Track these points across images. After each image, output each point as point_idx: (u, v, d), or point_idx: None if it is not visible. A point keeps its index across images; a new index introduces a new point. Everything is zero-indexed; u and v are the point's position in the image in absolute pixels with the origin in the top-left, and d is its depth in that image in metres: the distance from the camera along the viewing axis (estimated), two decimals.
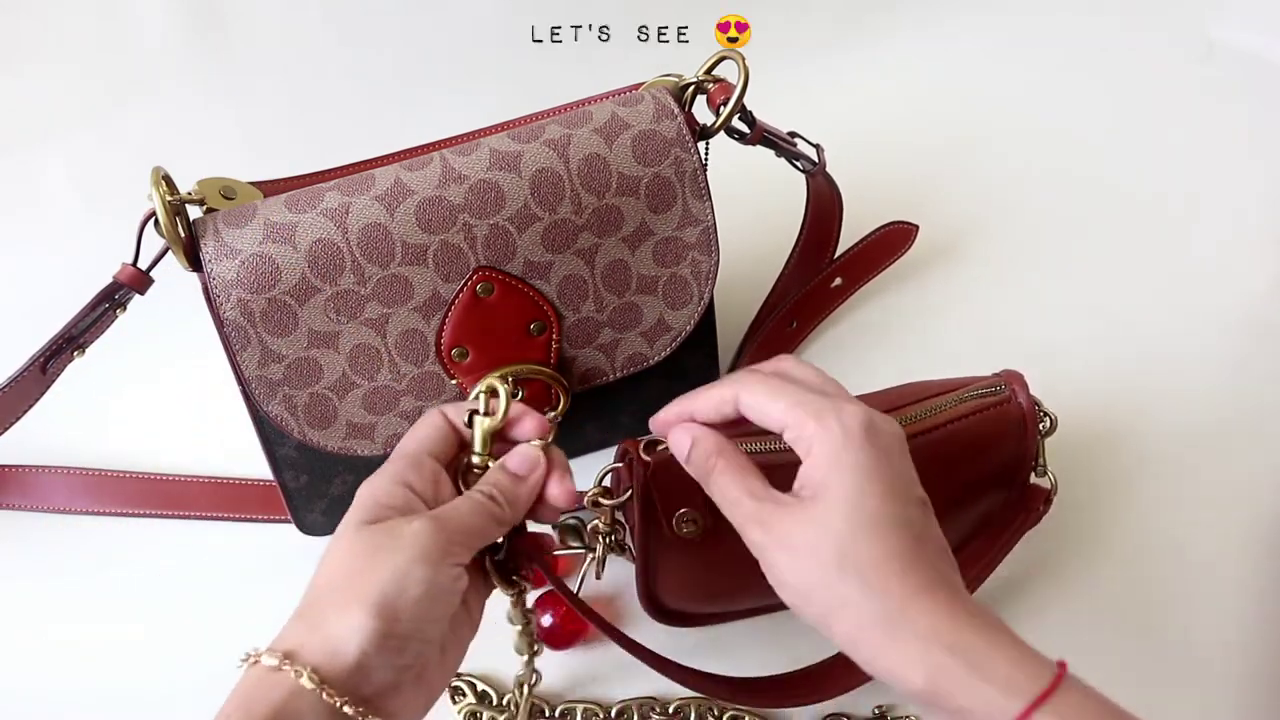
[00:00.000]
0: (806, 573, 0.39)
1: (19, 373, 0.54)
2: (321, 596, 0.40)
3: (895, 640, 0.37)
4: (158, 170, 0.49)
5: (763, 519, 0.40)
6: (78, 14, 0.77)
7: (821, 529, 0.39)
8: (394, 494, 0.42)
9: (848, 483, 0.39)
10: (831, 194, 0.65)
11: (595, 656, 0.56)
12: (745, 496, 0.41)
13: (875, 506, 0.39)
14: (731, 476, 0.42)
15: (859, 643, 0.38)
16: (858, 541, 0.38)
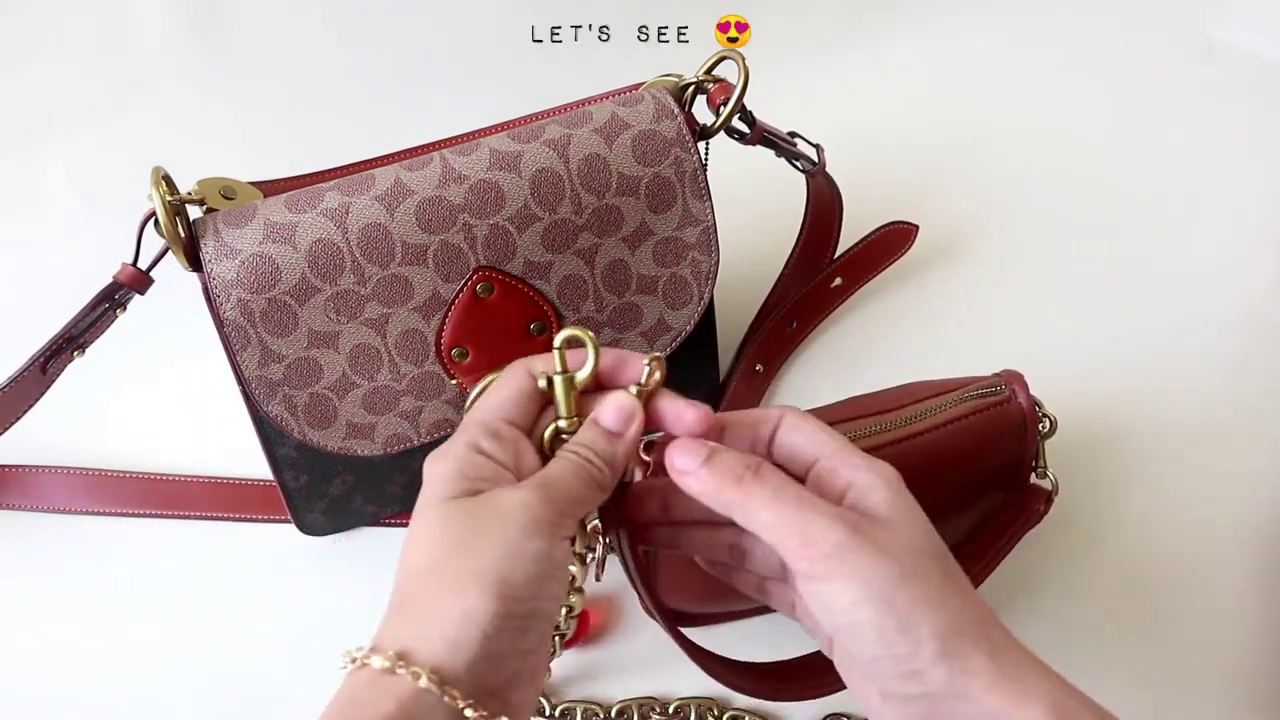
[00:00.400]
0: (908, 594, 0.35)
1: (19, 373, 0.54)
2: (423, 583, 0.35)
3: (1008, 670, 0.35)
4: (158, 170, 0.49)
5: (855, 522, 0.36)
6: (78, 14, 0.78)
7: (918, 544, 0.36)
8: (478, 465, 0.37)
9: (919, 510, 0.37)
10: (831, 194, 0.65)
11: (595, 656, 0.56)
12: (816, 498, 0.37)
13: (942, 546, 0.37)
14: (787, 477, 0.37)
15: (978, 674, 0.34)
16: (949, 565, 0.37)
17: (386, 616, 0.35)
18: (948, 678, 0.34)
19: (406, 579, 0.36)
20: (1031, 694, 0.34)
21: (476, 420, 0.39)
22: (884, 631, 0.34)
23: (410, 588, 0.35)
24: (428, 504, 0.37)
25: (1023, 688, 0.34)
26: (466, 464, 0.37)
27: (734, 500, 0.37)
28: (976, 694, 0.34)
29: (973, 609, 0.36)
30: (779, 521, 0.36)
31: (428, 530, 0.36)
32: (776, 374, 0.68)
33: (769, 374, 0.68)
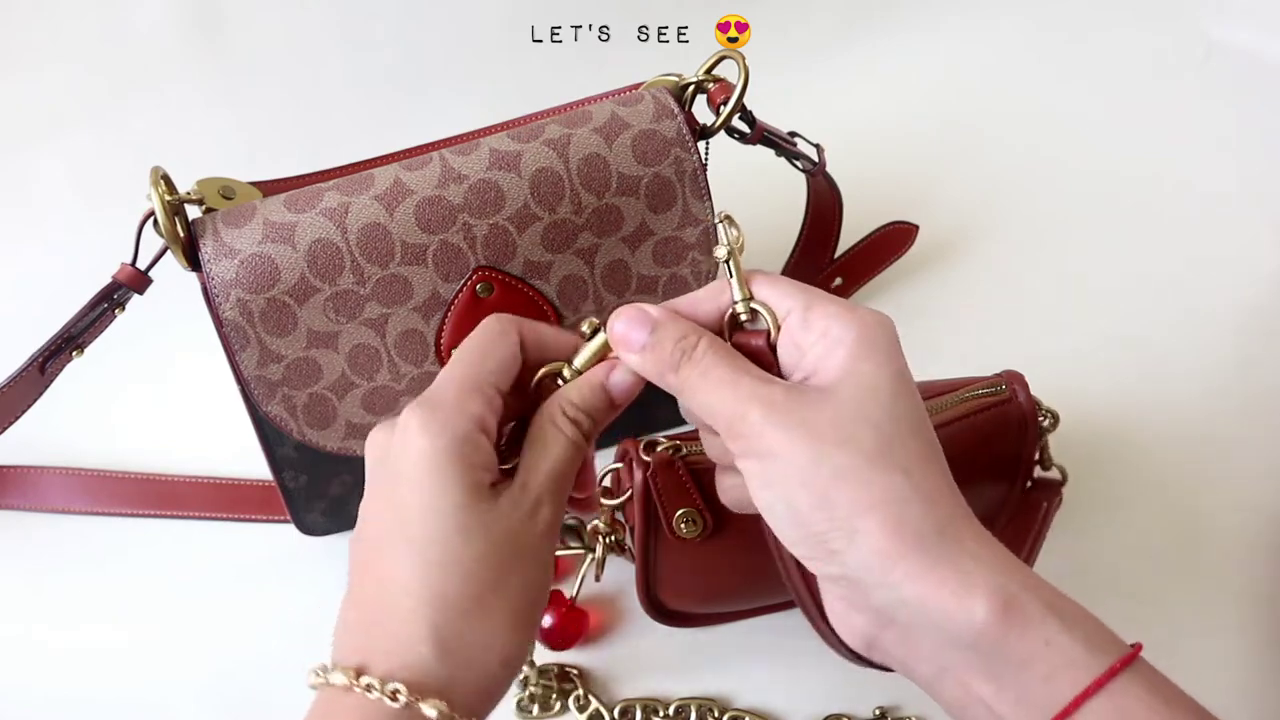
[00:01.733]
0: (829, 468, 0.32)
1: (18, 373, 0.54)
2: (464, 622, 0.33)
3: (947, 558, 0.31)
4: (157, 170, 0.49)
5: (771, 400, 0.33)
6: (78, 14, 0.77)
7: (856, 413, 0.32)
8: (480, 448, 0.34)
9: (884, 371, 0.33)
10: (831, 194, 0.65)
11: (594, 656, 0.56)
12: (743, 375, 0.34)
13: (912, 402, 0.34)
14: (719, 357, 0.35)
15: (895, 557, 0.31)
16: (900, 433, 0.33)
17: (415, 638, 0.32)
18: (865, 560, 0.32)
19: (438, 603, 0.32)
20: (969, 584, 0.31)
21: (474, 385, 0.35)
22: (796, 510, 0.32)
23: (449, 621, 0.32)
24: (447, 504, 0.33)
25: (960, 576, 0.31)
26: (469, 446, 0.34)
27: (673, 385, 0.36)
28: (897, 580, 0.31)
29: (921, 484, 0.32)
30: (708, 405, 0.34)
31: (450, 548, 0.33)
32: None
33: None
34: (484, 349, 0.37)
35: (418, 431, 0.34)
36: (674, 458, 0.46)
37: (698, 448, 0.47)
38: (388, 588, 0.33)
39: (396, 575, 0.33)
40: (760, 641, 0.55)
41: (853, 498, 0.32)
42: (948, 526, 0.32)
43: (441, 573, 0.33)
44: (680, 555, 0.48)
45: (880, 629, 0.34)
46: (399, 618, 0.33)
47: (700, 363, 0.35)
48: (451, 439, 0.34)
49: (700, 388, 0.35)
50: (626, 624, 0.56)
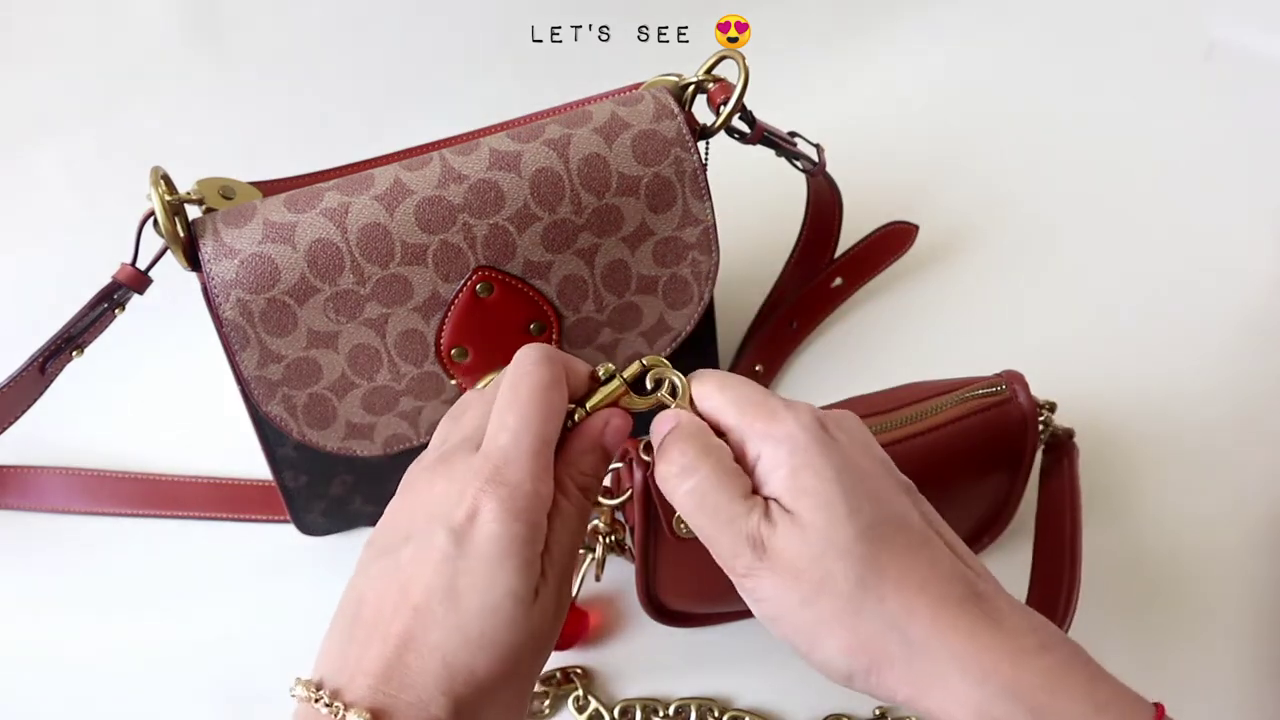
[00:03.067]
0: (813, 614, 0.34)
1: (17, 373, 0.54)
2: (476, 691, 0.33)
3: (936, 677, 0.33)
4: (157, 170, 0.49)
5: (758, 540, 0.35)
6: (77, 13, 0.77)
7: (825, 541, 0.34)
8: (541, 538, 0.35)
9: (829, 486, 0.34)
10: (831, 194, 0.65)
11: (594, 656, 0.56)
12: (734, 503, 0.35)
13: (873, 494, 0.35)
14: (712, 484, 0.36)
15: (888, 687, 0.33)
16: (872, 544, 0.33)
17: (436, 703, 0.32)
18: (866, 688, 0.34)
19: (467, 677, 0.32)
20: (954, 702, 0.32)
21: (545, 460, 0.35)
22: (798, 646, 0.35)
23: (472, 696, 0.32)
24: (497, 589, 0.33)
25: (945, 695, 0.32)
26: (539, 533, 0.34)
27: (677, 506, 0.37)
28: (890, 694, 0.34)
29: (899, 608, 0.33)
30: (704, 535, 0.36)
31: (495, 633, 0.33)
32: (776, 374, 0.68)
33: (769, 374, 0.67)
34: (547, 407, 0.36)
35: (495, 514, 0.33)
36: None
37: None
38: (418, 642, 0.33)
39: (430, 636, 0.33)
40: (760, 642, 0.55)
41: (839, 643, 0.34)
42: (933, 641, 0.33)
43: (479, 652, 0.33)
44: (680, 555, 0.48)
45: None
46: (424, 680, 0.32)
47: (686, 488, 0.36)
48: (526, 526, 0.34)
49: (693, 517, 0.36)
50: (626, 624, 0.56)
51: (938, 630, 0.33)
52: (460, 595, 0.33)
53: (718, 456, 0.36)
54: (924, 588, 0.34)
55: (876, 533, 0.34)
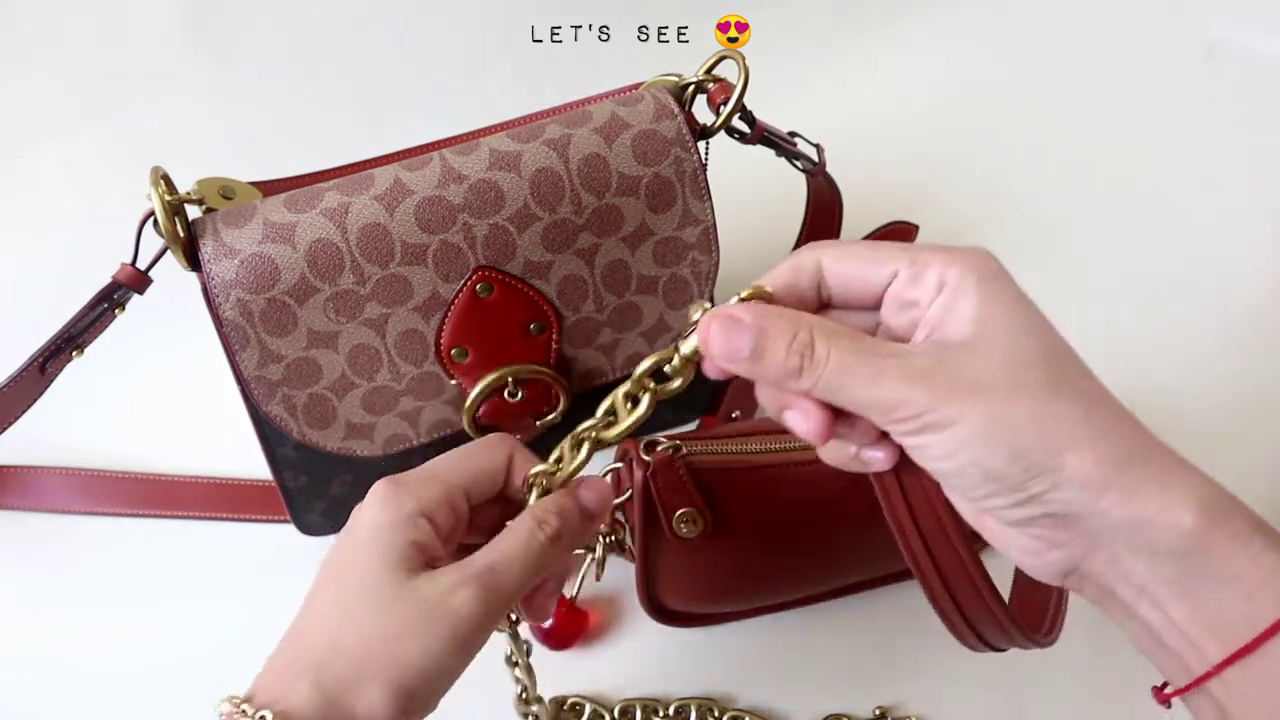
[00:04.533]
0: (1013, 421, 0.31)
1: (18, 373, 0.54)
2: (346, 666, 0.35)
3: (1149, 477, 0.31)
4: (157, 170, 0.49)
5: (928, 374, 0.32)
6: (77, 13, 0.77)
7: (1014, 358, 0.32)
8: (420, 530, 0.37)
9: (1019, 310, 0.33)
10: (831, 194, 0.65)
11: (594, 656, 0.56)
12: (881, 358, 0.33)
13: (1053, 334, 0.34)
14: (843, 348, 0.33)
15: (1100, 486, 0.31)
16: (1063, 366, 0.33)
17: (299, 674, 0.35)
18: (1071, 496, 0.31)
19: (332, 647, 0.35)
20: (1177, 498, 0.31)
21: (440, 478, 0.39)
22: (991, 469, 0.32)
23: (334, 667, 0.35)
24: (375, 566, 0.36)
25: (1165, 492, 0.31)
26: (408, 524, 0.37)
27: (796, 390, 0.34)
28: (1107, 506, 0.31)
29: (1102, 413, 0.32)
30: (855, 400, 0.33)
31: (366, 603, 0.35)
32: None
33: None
34: (469, 453, 0.40)
35: (374, 499, 0.38)
36: (674, 458, 0.46)
37: (698, 448, 0.47)
38: (307, 622, 0.37)
39: (315, 609, 0.37)
40: (760, 641, 0.55)
41: (1045, 442, 0.31)
42: (1139, 449, 0.32)
43: (345, 623, 0.35)
44: (680, 555, 0.48)
45: (1083, 557, 0.33)
46: (303, 653, 0.36)
47: (826, 363, 0.33)
48: (395, 514, 0.37)
49: (840, 387, 0.33)
50: (626, 624, 0.56)
51: (1144, 443, 0.32)
52: (342, 571, 0.37)
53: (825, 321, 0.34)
54: (1125, 417, 0.33)
55: (1064, 357, 0.34)
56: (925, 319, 0.34)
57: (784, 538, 0.49)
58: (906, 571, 0.56)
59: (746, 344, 0.34)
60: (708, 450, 0.47)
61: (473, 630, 0.36)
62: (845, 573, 0.54)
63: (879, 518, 0.50)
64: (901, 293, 0.34)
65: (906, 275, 0.34)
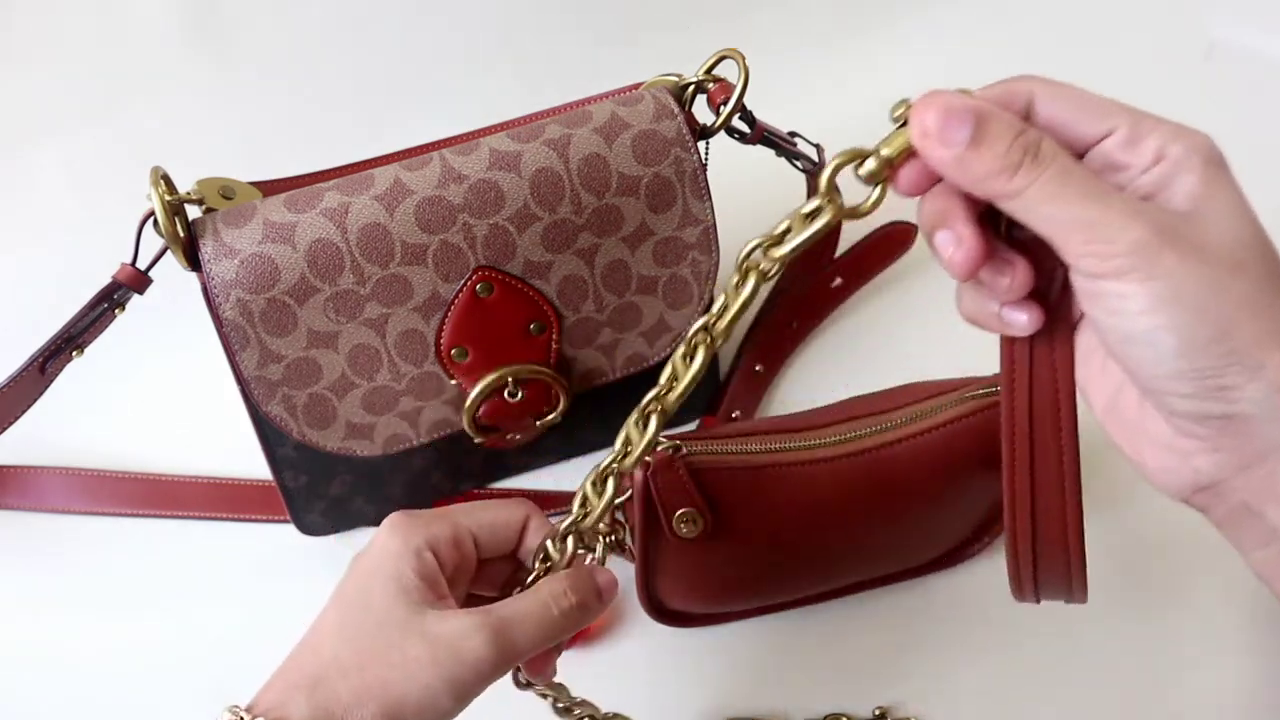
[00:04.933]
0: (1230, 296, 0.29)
1: (18, 373, 0.54)
2: (346, 687, 0.35)
3: None
4: (157, 170, 0.49)
5: (1154, 217, 0.30)
6: (77, 13, 0.77)
7: (1235, 239, 0.30)
8: (426, 562, 0.38)
9: (1239, 198, 0.31)
10: None
11: (594, 656, 0.56)
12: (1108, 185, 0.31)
13: (1268, 241, 0.31)
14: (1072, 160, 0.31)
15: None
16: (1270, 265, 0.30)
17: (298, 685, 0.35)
18: (1261, 398, 0.29)
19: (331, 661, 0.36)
20: None
21: (452, 520, 0.40)
22: (1191, 342, 0.29)
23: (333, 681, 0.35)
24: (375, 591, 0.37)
25: None
26: (415, 556, 0.38)
27: (1005, 191, 0.31)
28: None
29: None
30: (1062, 216, 0.30)
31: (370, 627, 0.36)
32: (777, 374, 0.68)
33: (769, 374, 0.67)
34: (486, 504, 0.42)
35: (385, 528, 0.39)
36: (674, 458, 0.46)
37: (698, 448, 0.47)
38: (312, 639, 0.38)
39: (321, 627, 0.38)
40: (760, 641, 0.55)
41: (1256, 330, 0.29)
42: None
43: (347, 643, 0.36)
44: (680, 555, 0.48)
45: (1238, 470, 0.31)
46: (304, 668, 0.36)
47: (1052, 164, 0.30)
48: (401, 544, 0.38)
49: (1056, 196, 0.30)
50: (626, 624, 0.56)
51: None
52: (346, 591, 0.38)
53: None
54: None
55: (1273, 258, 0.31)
56: (1134, 186, 0.31)
57: (784, 538, 0.49)
58: (906, 572, 0.56)
59: (966, 130, 0.31)
60: (708, 450, 0.47)
61: (476, 679, 0.36)
62: (845, 573, 0.54)
63: (879, 518, 0.50)
64: (1113, 153, 0.32)
65: (1124, 136, 0.31)
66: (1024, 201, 0.31)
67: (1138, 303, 0.30)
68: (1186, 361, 0.30)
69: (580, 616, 0.40)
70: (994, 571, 0.56)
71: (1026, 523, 0.37)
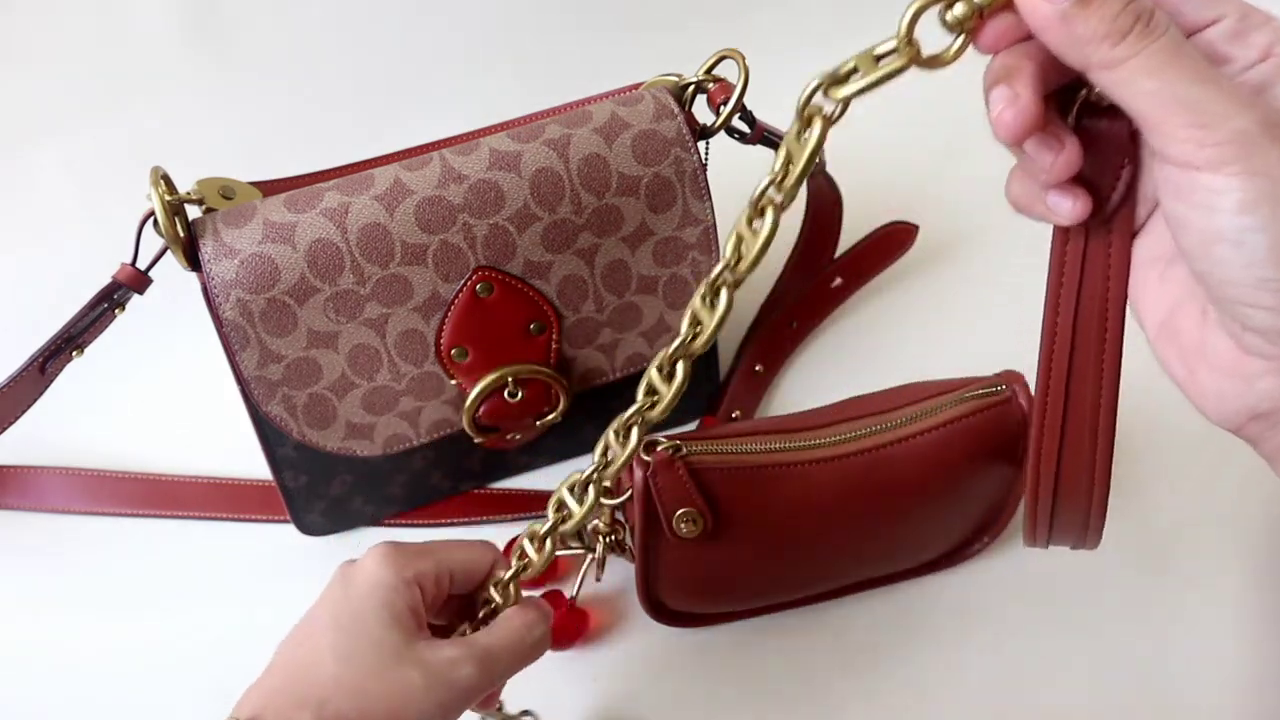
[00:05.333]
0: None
1: (18, 373, 0.54)
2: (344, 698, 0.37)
3: None
4: (157, 170, 0.49)
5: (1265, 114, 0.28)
6: (77, 13, 0.78)
7: None
8: (413, 594, 0.40)
9: None
10: (831, 194, 0.65)
11: (594, 656, 0.56)
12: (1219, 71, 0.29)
13: None
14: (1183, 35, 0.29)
15: None
16: None
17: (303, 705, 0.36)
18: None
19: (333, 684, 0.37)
20: None
21: (433, 556, 0.42)
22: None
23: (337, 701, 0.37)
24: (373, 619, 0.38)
25: None
26: (405, 587, 0.40)
27: (1106, 59, 0.28)
28: None
29: None
30: (1166, 93, 0.28)
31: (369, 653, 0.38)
32: (776, 374, 0.68)
33: (769, 374, 0.67)
34: (462, 545, 0.43)
35: (377, 559, 0.40)
36: (674, 458, 0.46)
37: (698, 448, 0.47)
38: (309, 659, 0.39)
39: (317, 649, 0.39)
40: (760, 641, 0.55)
41: None
42: None
43: (348, 666, 0.37)
44: (680, 555, 0.48)
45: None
46: (304, 687, 0.37)
47: (1163, 36, 0.28)
48: (395, 577, 0.40)
49: (1164, 68, 0.28)
50: (626, 624, 0.56)
51: None
52: (340, 617, 0.39)
53: None
54: None
55: None
56: (1239, 81, 0.30)
57: (784, 538, 0.49)
58: (907, 571, 0.56)
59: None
60: (708, 450, 0.47)
61: (464, 703, 0.39)
62: (845, 572, 0.54)
63: (879, 518, 0.50)
64: (1218, 44, 0.30)
65: (1230, 26, 0.30)
66: (1124, 72, 0.28)
67: (1232, 198, 0.28)
68: (1275, 268, 0.28)
69: (545, 644, 0.43)
70: (994, 571, 0.56)
71: (1054, 444, 0.34)
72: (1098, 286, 0.34)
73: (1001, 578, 0.56)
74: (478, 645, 0.40)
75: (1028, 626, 0.54)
